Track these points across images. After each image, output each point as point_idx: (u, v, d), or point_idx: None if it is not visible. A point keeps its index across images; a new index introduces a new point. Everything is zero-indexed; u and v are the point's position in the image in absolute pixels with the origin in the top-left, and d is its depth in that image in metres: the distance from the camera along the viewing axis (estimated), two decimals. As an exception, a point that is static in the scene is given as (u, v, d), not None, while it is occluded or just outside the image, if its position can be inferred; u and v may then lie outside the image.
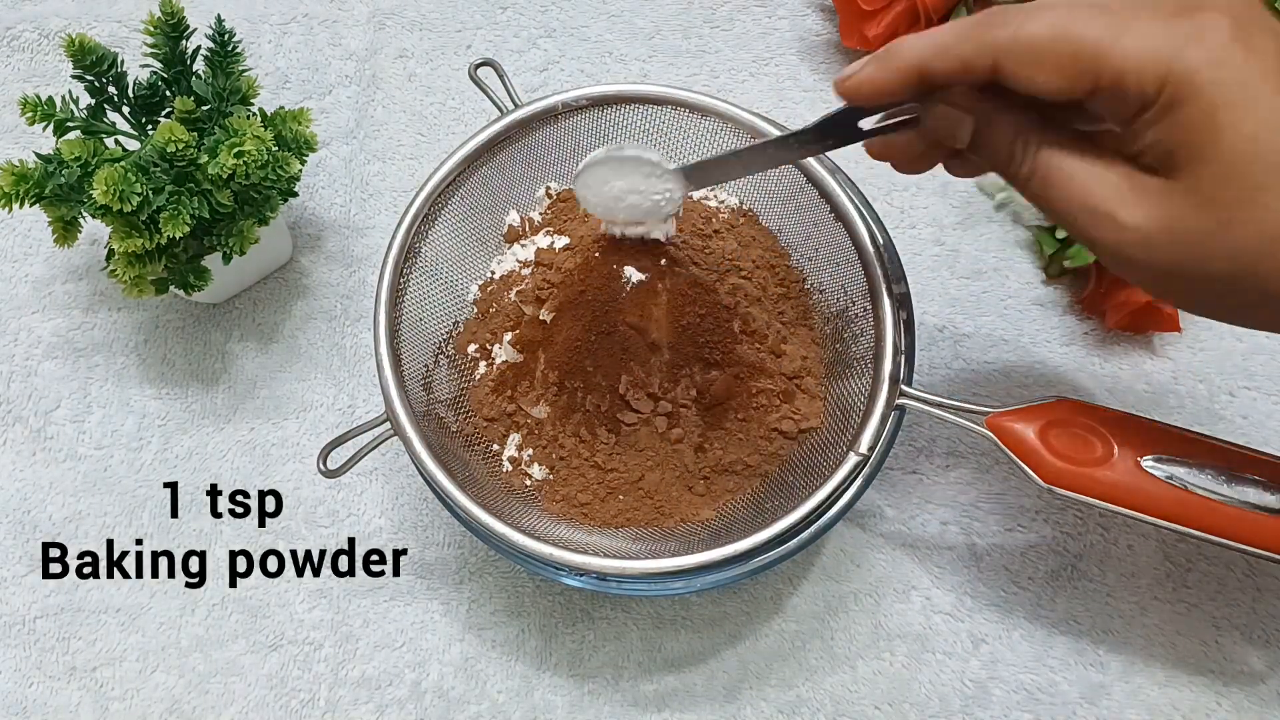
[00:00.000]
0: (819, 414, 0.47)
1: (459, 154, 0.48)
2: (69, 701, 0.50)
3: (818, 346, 0.49)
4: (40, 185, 0.47)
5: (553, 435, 0.46)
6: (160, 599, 0.51)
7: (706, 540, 0.44)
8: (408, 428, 0.44)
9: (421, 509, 0.52)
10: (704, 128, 0.50)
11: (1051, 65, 0.32)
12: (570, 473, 0.46)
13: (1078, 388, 0.54)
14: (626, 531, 0.45)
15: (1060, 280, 0.56)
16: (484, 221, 0.51)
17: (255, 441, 0.54)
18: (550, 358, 0.46)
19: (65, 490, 0.53)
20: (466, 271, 0.50)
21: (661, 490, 0.46)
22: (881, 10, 0.56)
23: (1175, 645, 0.50)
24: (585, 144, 0.51)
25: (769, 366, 0.47)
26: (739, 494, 0.46)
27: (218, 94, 0.49)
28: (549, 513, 0.46)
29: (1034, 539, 0.52)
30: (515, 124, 0.49)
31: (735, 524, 0.45)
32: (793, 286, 0.50)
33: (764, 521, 0.42)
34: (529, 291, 0.47)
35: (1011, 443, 0.42)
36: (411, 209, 0.47)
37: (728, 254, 0.48)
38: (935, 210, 0.57)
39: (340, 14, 0.62)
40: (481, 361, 0.49)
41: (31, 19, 0.62)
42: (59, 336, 0.55)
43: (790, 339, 0.48)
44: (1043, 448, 0.41)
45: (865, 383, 0.45)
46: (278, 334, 0.56)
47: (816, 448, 0.46)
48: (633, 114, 0.50)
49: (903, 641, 0.50)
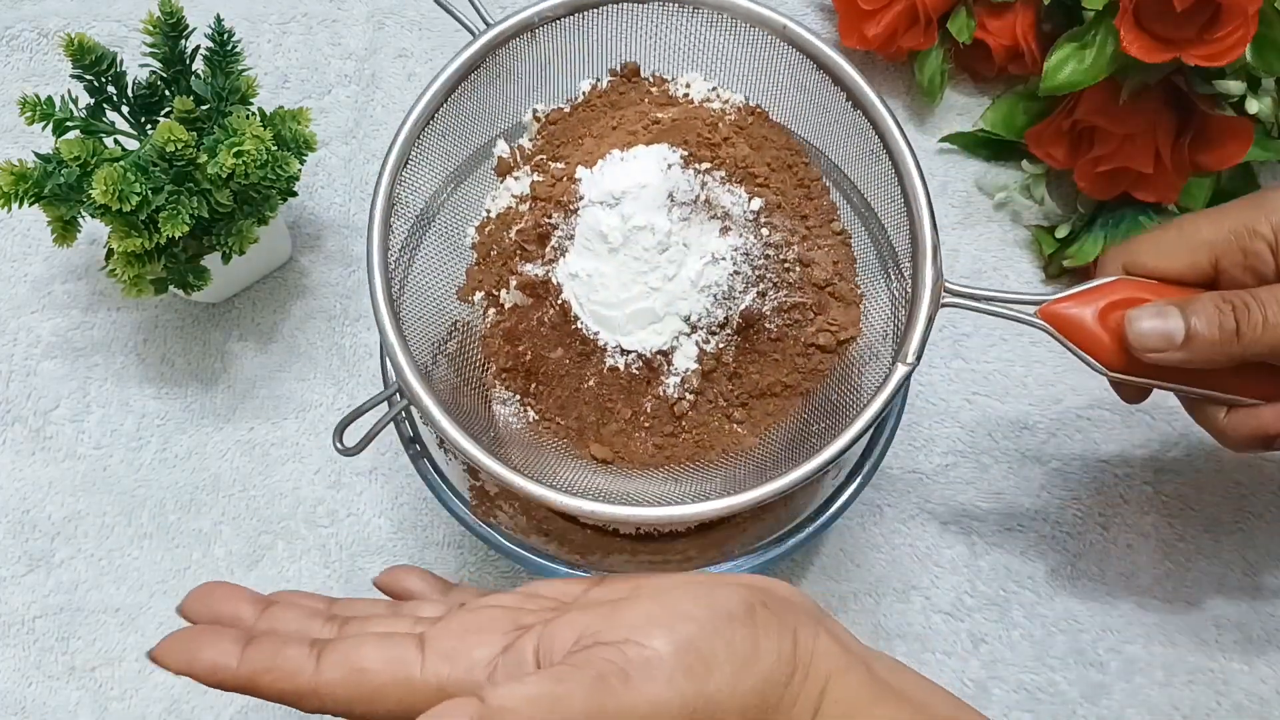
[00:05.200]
0: (856, 321, 0.44)
1: (433, 88, 0.44)
2: (68, 701, 0.50)
3: (847, 248, 0.45)
4: (39, 185, 0.47)
5: (576, 385, 0.44)
6: (160, 599, 0.51)
7: (753, 473, 0.41)
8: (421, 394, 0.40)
9: (421, 509, 0.52)
10: (697, 25, 0.46)
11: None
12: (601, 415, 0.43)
13: (1077, 387, 0.54)
14: (665, 472, 0.43)
15: (1060, 279, 0.56)
16: (472, 158, 0.47)
17: (255, 441, 0.54)
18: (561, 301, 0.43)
19: (64, 490, 0.53)
20: (462, 215, 0.47)
21: (700, 422, 0.43)
22: (881, 10, 0.56)
23: (1175, 645, 0.50)
24: (572, 59, 0.47)
25: (797, 279, 0.43)
26: (781, 417, 0.43)
27: (217, 94, 0.49)
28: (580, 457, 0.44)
29: (1033, 539, 0.52)
30: (489, 46, 0.44)
31: (781, 451, 0.42)
32: (814, 186, 0.46)
33: (813, 447, 0.39)
34: (529, 230, 0.44)
35: (1068, 329, 0.39)
36: (392, 154, 0.43)
37: (740, 161, 0.44)
38: (935, 210, 0.57)
39: (339, 13, 0.62)
40: (490, 309, 0.45)
41: (30, 18, 0.62)
42: (58, 336, 0.55)
43: (817, 245, 0.45)
44: (1103, 331, 0.39)
45: (899, 284, 0.42)
46: (277, 333, 0.55)
47: (856, 360, 0.43)
48: (617, 19, 0.46)
49: (902, 641, 0.50)
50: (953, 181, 0.58)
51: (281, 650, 0.32)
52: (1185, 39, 0.48)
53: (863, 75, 0.44)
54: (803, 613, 0.34)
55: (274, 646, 0.32)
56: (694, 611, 0.32)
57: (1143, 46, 0.48)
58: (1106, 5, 0.50)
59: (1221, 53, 0.48)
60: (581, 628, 0.32)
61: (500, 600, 0.36)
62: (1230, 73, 0.52)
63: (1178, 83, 0.52)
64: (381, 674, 0.31)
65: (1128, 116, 0.51)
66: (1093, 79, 0.51)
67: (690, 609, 0.32)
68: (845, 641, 0.34)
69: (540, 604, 0.36)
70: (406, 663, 0.32)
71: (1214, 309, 0.38)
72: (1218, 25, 0.48)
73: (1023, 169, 0.57)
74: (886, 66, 0.60)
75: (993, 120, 0.57)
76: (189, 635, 0.33)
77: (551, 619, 0.33)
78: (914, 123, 0.59)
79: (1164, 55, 0.48)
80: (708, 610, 0.32)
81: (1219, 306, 0.38)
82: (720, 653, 0.31)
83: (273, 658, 0.32)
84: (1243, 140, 0.51)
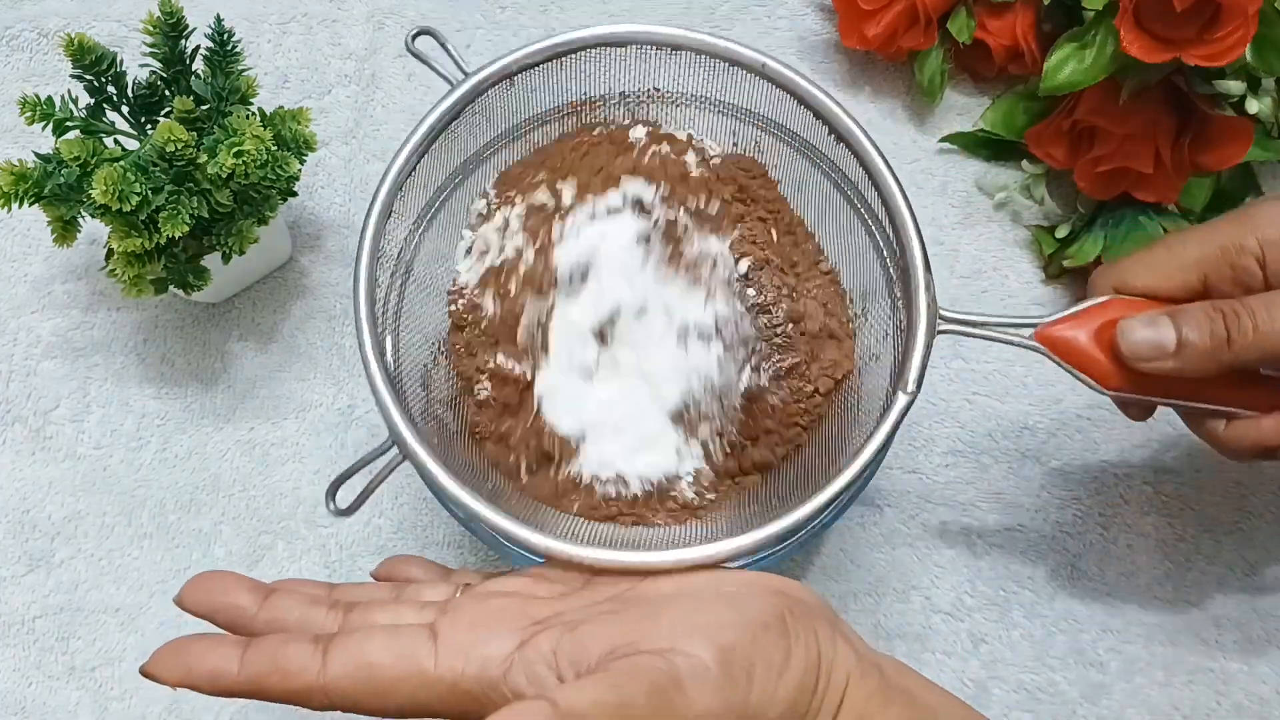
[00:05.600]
0: (850, 355, 0.44)
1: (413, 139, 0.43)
2: (68, 701, 0.50)
3: (835, 285, 0.46)
4: (39, 185, 0.47)
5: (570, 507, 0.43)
6: (160, 599, 0.51)
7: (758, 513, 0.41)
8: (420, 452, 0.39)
9: (421, 509, 0.52)
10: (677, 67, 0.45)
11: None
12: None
13: (1077, 387, 0.54)
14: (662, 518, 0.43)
15: (1060, 280, 0.56)
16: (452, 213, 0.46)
17: (255, 441, 0.54)
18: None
19: (64, 490, 0.53)
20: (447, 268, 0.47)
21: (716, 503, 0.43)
22: (881, 10, 0.56)
23: (1175, 645, 0.50)
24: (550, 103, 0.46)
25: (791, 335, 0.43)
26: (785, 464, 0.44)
27: (217, 94, 0.49)
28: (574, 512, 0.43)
29: (1033, 539, 0.52)
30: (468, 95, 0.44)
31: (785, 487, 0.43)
32: (800, 231, 0.46)
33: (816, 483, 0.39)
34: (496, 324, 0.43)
35: (1064, 352, 0.40)
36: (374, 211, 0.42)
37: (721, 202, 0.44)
38: (934, 209, 0.57)
39: (339, 13, 0.62)
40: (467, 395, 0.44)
41: (30, 18, 0.62)
42: (58, 336, 0.55)
43: (806, 293, 0.45)
44: (1099, 351, 0.40)
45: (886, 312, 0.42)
46: (277, 334, 0.55)
47: (850, 390, 0.44)
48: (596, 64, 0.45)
49: (902, 641, 0.50)
50: (953, 181, 0.58)
51: (283, 649, 0.32)
52: (1185, 39, 0.48)
53: (843, 108, 0.43)
54: (820, 617, 0.34)
55: (275, 646, 0.32)
56: (731, 619, 0.32)
57: (1143, 46, 0.48)
58: (1106, 5, 0.50)
59: (1221, 53, 0.48)
60: (613, 634, 0.32)
61: (506, 585, 0.36)
62: (1230, 73, 0.52)
63: (1178, 83, 0.52)
64: (392, 668, 0.31)
65: (1128, 116, 0.51)
66: (1093, 79, 0.51)
67: (727, 617, 0.33)
68: (857, 645, 0.34)
69: (549, 588, 0.35)
70: (418, 656, 0.31)
71: (1205, 317, 0.38)
72: (1218, 25, 0.48)
73: (1023, 169, 0.57)
74: (886, 66, 0.60)
75: (993, 120, 0.57)
76: (181, 645, 0.32)
77: (569, 618, 0.33)
78: (914, 123, 0.59)
79: (1164, 55, 0.48)
80: (743, 619, 0.32)
81: (1209, 315, 0.38)
82: (759, 663, 0.31)
83: (275, 658, 0.31)
84: (1243, 140, 0.51)
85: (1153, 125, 0.52)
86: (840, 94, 0.59)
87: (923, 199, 0.58)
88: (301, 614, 0.34)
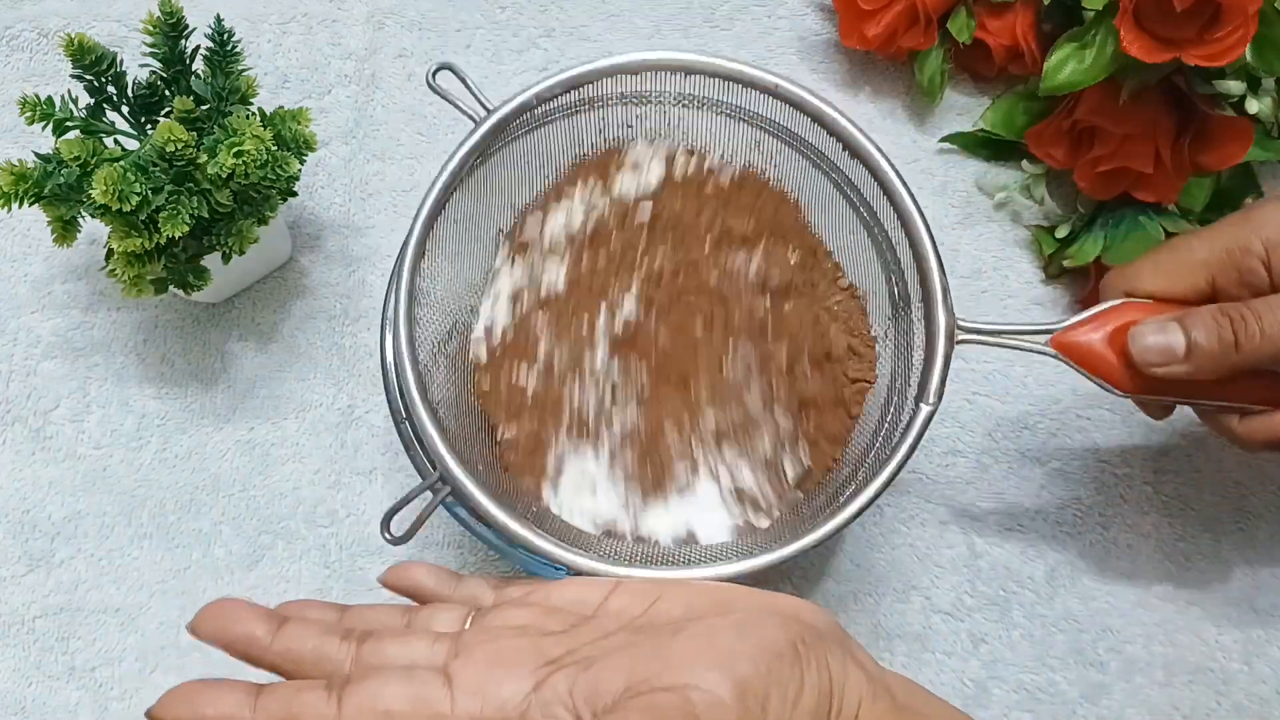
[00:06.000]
0: (873, 366, 0.45)
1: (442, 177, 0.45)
2: (68, 701, 0.50)
3: (855, 300, 0.47)
4: (39, 185, 0.47)
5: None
6: (160, 599, 0.51)
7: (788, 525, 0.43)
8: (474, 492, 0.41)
9: (421, 509, 0.52)
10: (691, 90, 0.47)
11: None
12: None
13: (1077, 387, 0.54)
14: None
15: (1060, 280, 0.56)
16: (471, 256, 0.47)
17: (255, 441, 0.54)
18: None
19: (64, 490, 0.53)
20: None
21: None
22: (881, 10, 0.56)
23: (1175, 645, 0.50)
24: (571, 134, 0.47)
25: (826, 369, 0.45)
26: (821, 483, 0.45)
27: (217, 94, 0.49)
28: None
29: (1033, 539, 0.52)
30: (493, 130, 0.45)
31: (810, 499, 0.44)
32: (820, 251, 0.47)
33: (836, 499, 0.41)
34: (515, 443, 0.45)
35: (1081, 357, 0.41)
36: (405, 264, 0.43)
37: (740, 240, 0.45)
38: (934, 209, 0.57)
39: (339, 13, 0.62)
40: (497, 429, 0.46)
41: (30, 18, 0.61)
42: (58, 336, 0.55)
43: (830, 314, 0.46)
44: (1114, 355, 0.40)
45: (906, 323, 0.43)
46: (277, 334, 0.55)
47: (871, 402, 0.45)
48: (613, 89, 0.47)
49: (902, 641, 0.50)
50: (953, 181, 0.58)
51: (298, 698, 0.32)
52: (1185, 39, 0.48)
53: (856, 125, 0.44)
54: (832, 641, 0.34)
55: (289, 694, 0.32)
56: (744, 649, 0.32)
57: (1143, 46, 0.48)
58: (1106, 5, 0.50)
59: (1221, 53, 0.48)
60: (628, 671, 0.32)
61: (517, 619, 0.36)
62: (1230, 73, 0.52)
63: (1178, 83, 0.52)
64: (409, 717, 0.31)
65: (1128, 116, 0.51)
66: (1093, 79, 0.51)
67: (740, 646, 0.33)
68: (867, 666, 0.34)
69: (560, 620, 0.35)
70: (433, 700, 0.31)
71: (1212, 322, 0.39)
72: (1218, 25, 0.48)
73: (1023, 169, 0.57)
74: (886, 66, 0.60)
75: (993, 120, 0.57)
76: (191, 690, 0.32)
77: (583, 654, 0.33)
78: (914, 123, 0.59)
79: (1164, 55, 0.48)
80: (756, 648, 0.32)
81: (1217, 319, 0.39)
82: (774, 693, 0.32)
83: (290, 707, 0.31)
84: (1243, 140, 0.51)
85: (1153, 125, 0.52)
86: (840, 94, 0.59)
87: (923, 199, 0.57)
88: (315, 644, 0.34)
